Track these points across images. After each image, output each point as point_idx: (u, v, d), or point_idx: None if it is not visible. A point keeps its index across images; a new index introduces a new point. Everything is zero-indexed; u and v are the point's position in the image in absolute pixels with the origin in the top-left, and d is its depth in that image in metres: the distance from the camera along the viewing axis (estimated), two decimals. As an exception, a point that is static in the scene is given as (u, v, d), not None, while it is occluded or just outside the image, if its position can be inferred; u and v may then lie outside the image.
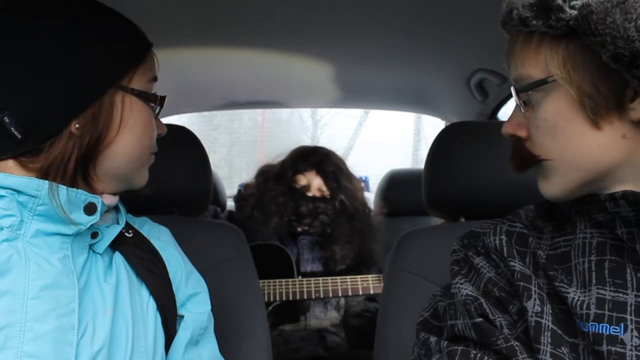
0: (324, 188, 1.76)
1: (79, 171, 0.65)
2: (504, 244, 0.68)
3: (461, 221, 1.11)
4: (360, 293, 1.62)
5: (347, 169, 1.83)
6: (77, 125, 0.63)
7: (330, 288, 1.60)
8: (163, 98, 0.72)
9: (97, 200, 0.66)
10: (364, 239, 1.75)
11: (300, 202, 1.72)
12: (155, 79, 0.73)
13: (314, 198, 1.74)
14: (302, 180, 1.76)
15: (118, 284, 0.69)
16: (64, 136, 0.63)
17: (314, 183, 1.76)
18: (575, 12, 0.55)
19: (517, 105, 0.66)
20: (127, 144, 0.68)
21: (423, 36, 1.40)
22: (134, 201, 0.79)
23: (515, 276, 0.65)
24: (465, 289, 0.67)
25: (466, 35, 1.34)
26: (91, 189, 0.67)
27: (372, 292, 1.62)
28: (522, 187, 0.72)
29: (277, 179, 1.77)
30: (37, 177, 0.63)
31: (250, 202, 1.77)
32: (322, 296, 1.60)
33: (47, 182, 0.62)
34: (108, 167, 0.68)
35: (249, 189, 1.80)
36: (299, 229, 1.73)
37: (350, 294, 1.61)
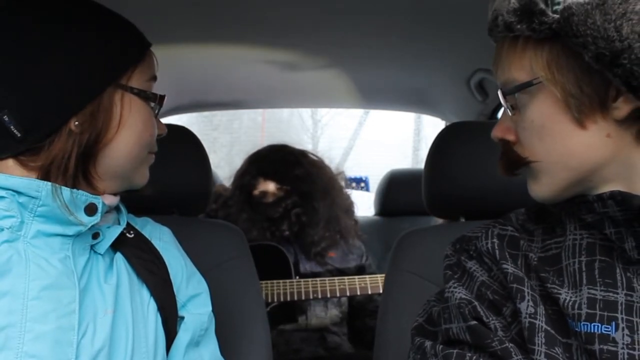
0: (280, 186, 1.73)
1: (79, 169, 0.65)
2: (496, 247, 0.68)
3: (461, 221, 1.11)
4: (358, 293, 1.61)
5: (287, 154, 1.77)
6: (76, 123, 0.63)
7: (327, 288, 1.59)
8: (162, 97, 0.73)
9: (98, 200, 0.66)
10: (333, 212, 1.72)
11: (267, 210, 1.69)
12: (154, 78, 0.73)
13: (276, 200, 1.70)
14: (256, 191, 1.73)
15: (119, 285, 0.69)
16: (63, 134, 0.63)
17: (268, 188, 1.73)
18: (557, 15, 0.56)
19: (504, 109, 0.67)
20: (127, 142, 0.68)
21: (423, 36, 1.40)
22: (133, 201, 0.79)
23: (508, 278, 0.65)
24: (459, 292, 0.68)
25: (466, 35, 1.34)
26: (93, 189, 0.67)
27: (369, 292, 1.61)
28: (522, 187, 0.72)
29: (232, 200, 1.75)
30: (38, 177, 0.63)
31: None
32: (319, 296, 1.59)
33: (48, 183, 0.62)
34: (108, 165, 0.68)
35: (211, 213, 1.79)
36: (285, 234, 1.70)
37: (347, 294, 1.60)
